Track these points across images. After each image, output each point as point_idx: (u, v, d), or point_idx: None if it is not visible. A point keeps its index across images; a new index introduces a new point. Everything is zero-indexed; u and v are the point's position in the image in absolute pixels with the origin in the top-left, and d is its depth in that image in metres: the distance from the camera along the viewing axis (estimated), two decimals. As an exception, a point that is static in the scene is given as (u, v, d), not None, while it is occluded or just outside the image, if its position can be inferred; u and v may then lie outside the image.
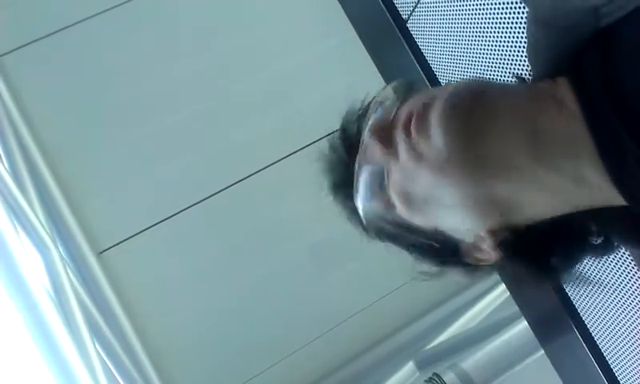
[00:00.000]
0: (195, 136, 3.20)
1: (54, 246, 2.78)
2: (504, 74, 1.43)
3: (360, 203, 0.73)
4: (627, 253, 1.23)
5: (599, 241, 0.73)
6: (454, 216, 0.69)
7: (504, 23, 1.31)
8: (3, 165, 2.82)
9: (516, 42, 1.34)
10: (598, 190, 0.65)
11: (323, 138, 0.83)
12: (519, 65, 1.36)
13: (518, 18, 1.27)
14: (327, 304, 3.26)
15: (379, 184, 0.70)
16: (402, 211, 0.70)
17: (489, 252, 0.71)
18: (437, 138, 0.64)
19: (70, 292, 2.70)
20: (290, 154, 3.21)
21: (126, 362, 2.91)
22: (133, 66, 3.20)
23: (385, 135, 0.68)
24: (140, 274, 3.11)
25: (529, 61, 0.74)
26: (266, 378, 3.17)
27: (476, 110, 0.65)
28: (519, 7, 1.25)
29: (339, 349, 3.26)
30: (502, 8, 1.30)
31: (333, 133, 0.81)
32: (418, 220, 0.71)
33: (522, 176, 0.65)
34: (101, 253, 3.06)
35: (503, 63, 1.41)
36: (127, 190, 3.12)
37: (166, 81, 3.20)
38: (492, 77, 1.46)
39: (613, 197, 0.65)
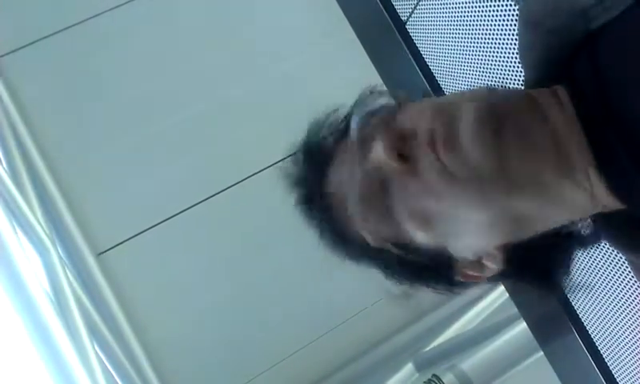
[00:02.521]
0: (195, 137, 3.20)
1: (53, 247, 2.77)
2: (504, 74, 1.43)
3: (358, 216, 0.69)
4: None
5: (587, 232, 0.72)
6: (472, 234, 0.66)
7: (503, 25, 1.31)
8: (2, 166, 2.82)
9: (515, 43, 1.34)
10: (603, 200, 0.66)
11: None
12: (518, 66, 1.36)
13: (517, 19, 1.27)
14: (326, 305, 3.26)
15: (382, 198, 0.66)
16: (409, 227, 0.66)
17: (491, 268, 0.69)
18: (472, 154, 0.61)
19: (69, 293, 2.69)
20: (290, 155, 3.21)
21: (125, 363, 2.91)
22: (132, 66, 3.20)
23: (400, 150, 0.64)
24: (139, 276, 3.10)
25: (521, 63, 0.75)
26: (265, 379, 3.16)
27: (507, 125, 0.62)
28: (518, 9, 1.25)
29: (338, 350, 3.26)
30: (502, 9, 1.30)
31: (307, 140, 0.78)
32: (426, 237, 0.67)
33: (549, 193, 0.64)
34: (100, 254, 3.06)
35: (503, 64, 1.42)
36: (127, 191, 3.12)
37: (165, 81, 3.20)
38: (492, 78, 1.46)
39: (615, 206, 0.66)
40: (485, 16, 1.35)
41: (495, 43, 1.39)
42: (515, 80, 1.37)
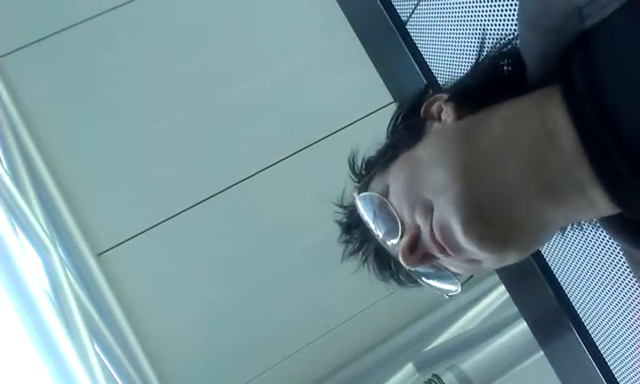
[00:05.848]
0: (195, 137, 3.21)
1: (53, 247, 2.77)
2: (503, 75, 1.42)
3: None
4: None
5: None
6: None
7: (503, 24, 1.31)
8: (2, 166, 2.82)
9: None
10: (602, 205, 0.68)
11: (323, 139, 0.83)
12: (518, 66, 1.36)
13: (517, 19, 1.27)
14: (327, 305, 3.26)
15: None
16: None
17: None
18: (471, 249, 0.71)
19: (70, 293, 2.69)
20: (289, 155, 3.21)
21: (125, 363, 2.91)
22: (132, 66, 3.21)
23: (414, 255, 0.77)
24: (139, 276, 3.10)
25: (524, 60, 0.75)
26: (265, 379, 3.16)
27: (486, 210, 0.69)
28: (518, 9, 1.25)
29: (339, 350, 3.26)
30: (502, 9, 1.30)
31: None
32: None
33: (547, 221, 0.71)
34: (100, 254, 3.06)
35: (502, 65, 1.41)
36: (127, 191, 3.12)
37: (165, 82, 3.20)
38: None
39: (615, 209, 0.68)
40: (485, 16, 1.35)
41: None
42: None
